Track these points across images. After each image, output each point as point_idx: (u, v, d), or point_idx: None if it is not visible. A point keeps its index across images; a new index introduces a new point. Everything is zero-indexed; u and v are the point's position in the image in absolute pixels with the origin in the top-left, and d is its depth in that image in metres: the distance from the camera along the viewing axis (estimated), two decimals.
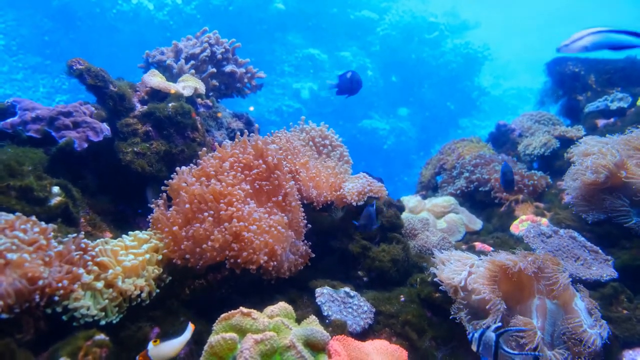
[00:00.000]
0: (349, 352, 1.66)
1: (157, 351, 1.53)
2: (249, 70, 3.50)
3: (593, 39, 1.70)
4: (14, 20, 12.33)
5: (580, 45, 1.72)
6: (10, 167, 2.02)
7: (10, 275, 1.46)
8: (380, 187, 2.70)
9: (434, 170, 4.47)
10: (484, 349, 1.65)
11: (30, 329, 1.56)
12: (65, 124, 2.38)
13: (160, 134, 2.64)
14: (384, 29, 15.31)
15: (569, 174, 2.91)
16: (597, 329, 1.84)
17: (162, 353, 1.54)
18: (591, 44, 1.70)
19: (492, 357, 1.60)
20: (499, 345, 1.60)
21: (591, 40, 1.70)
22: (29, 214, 1.76)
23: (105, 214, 2.43)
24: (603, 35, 1.71)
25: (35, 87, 12.25)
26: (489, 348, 1.62)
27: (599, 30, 1.71)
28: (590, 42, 1.70)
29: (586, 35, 1.72)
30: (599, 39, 1.71)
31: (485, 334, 1.66)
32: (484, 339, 1.66)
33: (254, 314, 1.59)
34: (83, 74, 2.51)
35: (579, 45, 1.72)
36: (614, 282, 2.38)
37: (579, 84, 4.54)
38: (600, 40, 1.71)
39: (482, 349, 1.66)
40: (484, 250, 2.84)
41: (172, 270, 2.02)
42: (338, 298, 2.10)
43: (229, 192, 2.07)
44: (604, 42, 1.71)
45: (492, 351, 1.59)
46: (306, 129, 2.94)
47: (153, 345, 1.52)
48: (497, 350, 1.59)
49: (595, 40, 1.70)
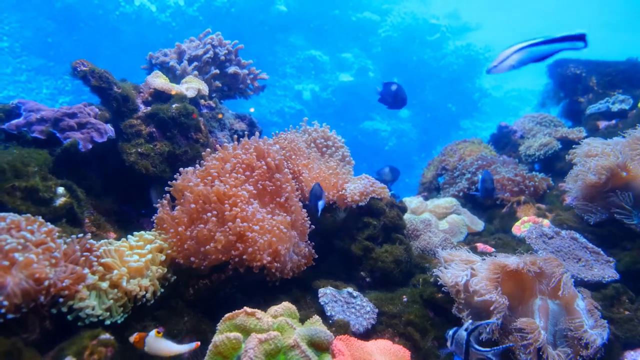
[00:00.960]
0: (352, 352, 1.67)
1: (154, 343, 1.55)
2: (251, 71, 3.51)
3: (518, 57, 1.74)
4: (17, 22, 12.37)
5: (508, 65, 1.76)
6: (16, 167, 2.04)
7: (17, 275, 1.48)
8: (382, 188, 2.71)
9: (435, 172, 4.48)
10: (456, 347, 1.69)
11: (36, 329, 1.57)
12: (69, 125, 2.40)
13: (164, 135, 2.65)
14: (386, 30, 15.34)
15: (571, 175, 2.92)
16: (598, 329, 1.85)
17: (156, 348, 1.56)
18: (517, 62, 1.74)
19: (463, 354, 1.64)
20: (470, 344, 1.65)
21: (516, 59, 1.74)
22: (34, 215, 1.77)
23: (110, 215, 2.45)
24: (526, 51, 1.73)
25: (38, 89, 12.29)
26: (460, 346, 1.66)
27: (522, 47, 1.72)
28: (516, 61, 1.74)
29: (511, 55, 1.74)
30: (523, 55, 1.74)
31: (458, 333, 1.71)
32: (456, 337, 1.70)
33: (258, 314, 1.60)
34: (87, 75, 2.53)
35: (507, 64, 1.76)
36: (616, 283, 2.39)
37: (580, 86, 4.55)
38: (524, 57, 1.74)
39: (455, 347, 1.70)
40: (485, 251, 2.85)
41: (176, 270, 2.03)
42: (341, 298, 2.11)
43: (234, 193, 2.08)
44: (528, 57, 1.75)
45: (463, 349, 1.64)
46: (308, 130, 2.96)
47: (155, 335, 1.54)
48: (468, 348, 1.64)
49: (520, 58, 1.74)
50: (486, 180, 2.89)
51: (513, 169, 3.75)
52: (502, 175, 3.63)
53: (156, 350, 1.57)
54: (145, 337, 1.57)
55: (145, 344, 1.56)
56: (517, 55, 1.71)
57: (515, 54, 1.71)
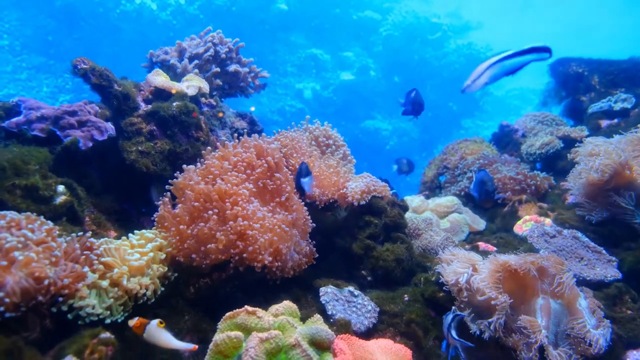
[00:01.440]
0: (353, 351, 1.66)
1: (155, 332, 1.56)
2: (252, 69, 3.50)
3: (490, 73, 1.72)
4: (17, 20, 12.38)
5: (482, 82, 1.74)
6: (16, 166, 2.03)
7: (17, 274, 1.47)
8: (384, 187, 2.70)
9: (436, 171, 4.46)
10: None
11: (36, 327, 1.57)
12: (70, 123, 2.39)
13: (165, 133, 2.64)
14: (387, 29, 15.32)
15: (573, 174, 2.91)
16: (600, 329, 1.84)
17: (156, 337, 1.56)
18: (490, 78, 1.72)
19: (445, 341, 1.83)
20: (449, 330, 1.81)
21: (489, 75, 1.72)
22: (35, 213, 1.76)
23: (110, 213, 2.44)
24: (498, 66, 1.71)
25: (39, 87, 12.29)
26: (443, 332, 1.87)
27: (494, 62, 1.70)
28: (489, 77, 1.72)
29: (483, 72, 1.72)
30: (496, 71, 1.72)
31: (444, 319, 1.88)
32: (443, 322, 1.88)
33: (259, 313, 1.59)
34: (88, 73, 2.52)
35: (481, 82, 1.74)
36: (618, 282, 2.37)
37: (582, 85, 4.53)
38: (497, 72, 1.72)
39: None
40: (487, 250, 2.84)
41: (177, 268, 2.03)
42: (342, 297, 2.10)
43: (234, 192, 2.07)
44: (501, 72, 1.73)
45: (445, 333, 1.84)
46: (310, 128, 2.95)
47: (158, 325, 1.55)
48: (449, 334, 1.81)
49: (492, 73, 1.72)
50: (485, 182, 2.82)
51: (515, 168, 3.74)
52: (504, 174, 3.62)
53: (155, 340, 1.57)
54: (147, 324, 1.57)
55: (146, 331, 1.57)
56: (490, 71, 1.69)
57: (488, 70, 1.69)
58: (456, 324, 1.85)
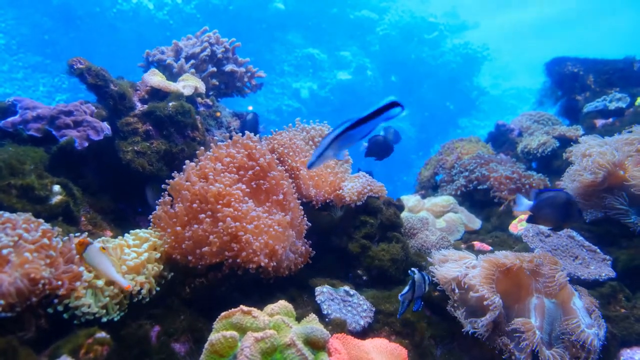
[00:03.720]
0: (348, 350, 1.67)
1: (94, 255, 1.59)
2: (249, 69, 3.50)
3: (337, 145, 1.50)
4: (14, 19, 12.33)
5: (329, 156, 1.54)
6: (12, 165, 2.03)
7: (12, 274, 1.47)
8: (380, 187, 2.71)
9: (433, 170, 4.48)
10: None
11: (31, 327, 1.57)
12: (66, 123, 2.39)
13: (161, 133, 2.64)
14: (384, 28, 15.34)
15: (567, 174, 2.93)
16: (595, 328, 1.85)
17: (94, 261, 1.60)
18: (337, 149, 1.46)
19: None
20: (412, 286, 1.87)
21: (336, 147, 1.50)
22: (30, 212, 1.76)
23: (106, 213, 2.44)
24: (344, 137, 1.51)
25: (35, 86, 12.25)
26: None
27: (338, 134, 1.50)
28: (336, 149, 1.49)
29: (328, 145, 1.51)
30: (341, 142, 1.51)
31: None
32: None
33: (254, 312, 1.60)
34: (84, 73, 2.52)
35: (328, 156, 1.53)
36: (612, 281, 2.39)
37: (577, 84, 4.56)
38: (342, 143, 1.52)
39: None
40: (482, 249, 2.86)
41: (172, 268, 2.03)
42: (338, 297, 2.10)
43: (227, 192, 2.07)
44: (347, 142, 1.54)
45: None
46: (306, 128, 2.95)
47: (99, 249, 1.61)
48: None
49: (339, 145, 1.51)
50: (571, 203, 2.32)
51: (510, 167, 3.76)
52: (500, 174, 3.63)
53: (94, 263, 1.59)
54: (89, 244, 1.58)
55: (86, 251, 1.58)
56: (336, 144, 1.48)
57: (334, 142, 1.49)
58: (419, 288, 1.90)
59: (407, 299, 1.90)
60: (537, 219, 2.27)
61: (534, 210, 2.22)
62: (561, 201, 2.19)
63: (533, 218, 2.26)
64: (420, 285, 1.89)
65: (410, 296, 1.89)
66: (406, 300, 1.90)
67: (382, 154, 2.70)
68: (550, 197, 2.21)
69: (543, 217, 2.23)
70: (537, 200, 2.22)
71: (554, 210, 2.19)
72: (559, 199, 2.20)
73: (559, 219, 2.22)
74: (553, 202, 2.19)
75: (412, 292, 1.87)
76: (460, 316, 1.95)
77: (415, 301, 1.92)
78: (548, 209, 2.20)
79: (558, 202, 2.19)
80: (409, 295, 1.89)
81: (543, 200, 2.20)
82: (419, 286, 1.89)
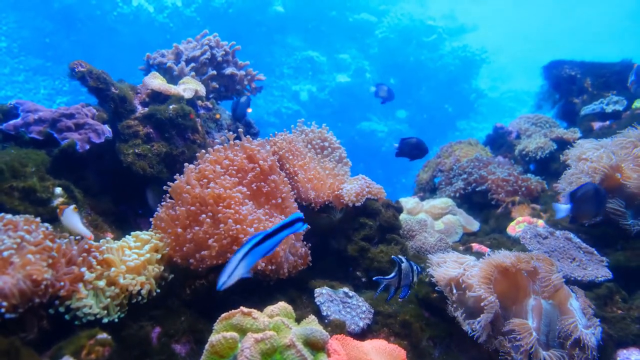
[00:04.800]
0: (348, 351, 1.69)
1: (68, 214, 1.85)
2: (248, 72, 3.52)
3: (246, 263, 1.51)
4: (15, 22, 12.35)
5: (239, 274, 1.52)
6: (14, 168, 2.05)
7: (15, 275, 1.49)
8: (379, 189, 2.73)
9: (431, 173, 4.50)
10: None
11: (33, 328, 1.58)
12: (67, 126, 2.41)
13: (161, 135, 2.66)
14: (383, 31, 15.37)
15: (564, 177, 2.94)
16: (592, 329, 1.87)
17: (68, 219, 1.85)
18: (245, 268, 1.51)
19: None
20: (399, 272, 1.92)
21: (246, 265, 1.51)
22: (32, 215, 1.78)
23: (107, 215, 2.46)
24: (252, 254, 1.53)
25: (36, 89, 12.26)
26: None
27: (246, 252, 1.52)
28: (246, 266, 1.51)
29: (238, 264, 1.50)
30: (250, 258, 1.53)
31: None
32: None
33: (254, 314, 1.62)
34: (85, 76, 2.54)
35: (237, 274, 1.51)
36: (609, 282, 2.41)
37: (575, 87, 4.58)
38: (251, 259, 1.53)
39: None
40: (480, 251, 2.87)
41: (173, 270, 2.05)
42: (337, 298, 2.12)
43: (227, 195, 2.09)
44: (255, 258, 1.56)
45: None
46: (306, 130, 2.97)
47: (73, 210, 1.86)
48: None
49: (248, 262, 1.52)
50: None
51: (508, 170, 3.78)
52: (497, 176, 3.66)
53: (67, 221, 1.85)
54: (65, 209, 1.86)
55: (63, 214, 1.85)
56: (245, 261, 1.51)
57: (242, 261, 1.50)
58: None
59: (393, 284, 1.90)
60: (579, 218, 2.47)
61: (575, 212, 2.38)
62: (592, 193, 2.37)
63: (575, 219, 2.46)
64: (407, 274, 1.91)
65: (396, 282, 1.89)
66: (392, 285, 1.91)
67: (415, 154, 2.85)
68: (582, 194, 2.38)
69: (584, 214, 2.43)
70: (573, 202, 2.38)
71: (590, 204, 2.37)
72: (590, 192, 2.37)
73: (598, 209, 2.42)
74: (587, 197, 2.36)
75: (398, 279, 1.89)
76: (459, 317, 1.96)
77: (402, 289, 1.94)
78: (586, 206, 2.37)
79: (590, 194, 2.36)
80: (395, 281, 1.89)
81: (578, 199, 2.36)
82: (406, 274, 1.91)
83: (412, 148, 2.86)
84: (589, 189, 2.37)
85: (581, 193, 2.36)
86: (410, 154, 2.88)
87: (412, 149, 2.86)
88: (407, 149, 2.87)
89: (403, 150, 2.87)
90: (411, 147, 2.86)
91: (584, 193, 2.35)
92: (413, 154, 2.88)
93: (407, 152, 2.88)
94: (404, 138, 2.87)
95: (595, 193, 2.36)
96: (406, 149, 2.87)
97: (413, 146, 2.86)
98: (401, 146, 2.87)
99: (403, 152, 2.88)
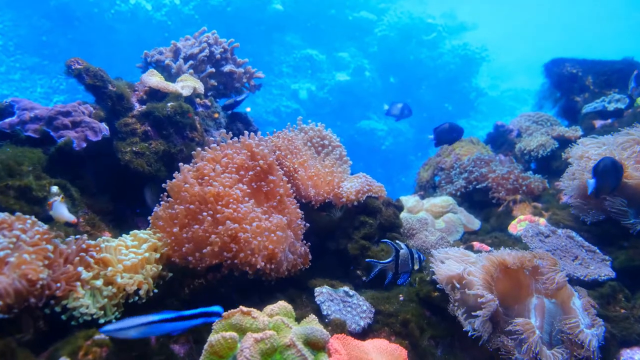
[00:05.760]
0: (348, 350, 1.67)
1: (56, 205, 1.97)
2: (247, 70, 3.50)
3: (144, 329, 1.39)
4: (11, 20, 12.30)
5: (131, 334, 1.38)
6: (9, 166, 2.02)
7: (10, 275, 1.46)
8: (379, 187, 2.70)
9: (432, 171, 4.47)
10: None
11: (29, 329, 1.56)
12: (64, 124, 2.38)
13: (159, 133, 2.64)
14: (382, 30, 15.35)
15: (566, 175, 2.92)
16: (594, 329, 1.85)
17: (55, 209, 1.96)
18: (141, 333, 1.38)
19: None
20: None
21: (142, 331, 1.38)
22: (28, 214, 1.75)
23: (104, 214, 2.43)
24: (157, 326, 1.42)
25: (32, 88, 12.22)
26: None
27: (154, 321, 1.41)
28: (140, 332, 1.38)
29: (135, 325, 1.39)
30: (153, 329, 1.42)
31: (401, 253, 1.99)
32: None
33: (253, 313, 1.59)
34: (82, 73, 2.51)
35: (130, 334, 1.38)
36: (612, 281, 2.39)
37: (576, 85, 4.56)
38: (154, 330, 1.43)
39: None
40: (482, 249, 2.85)
41: (171, 269, 2.02)
42: (337, 297, 2.10)
43: (226, 193, 2.07)
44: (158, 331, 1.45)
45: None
46: (305, 128, 2.95)
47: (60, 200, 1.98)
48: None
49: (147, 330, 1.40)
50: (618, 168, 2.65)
51: (507, 168, 3.76)
52: (497, 174, 3.64)
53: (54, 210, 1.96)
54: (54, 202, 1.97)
55: (52, 207, 1.96)
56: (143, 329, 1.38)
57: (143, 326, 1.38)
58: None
59: (390, 269, 1.85)
60: (600, 191, 2.56)
61: (598, 183, 2.49)
62: (610, 165, 2.48)
63: (598, 191, 2.55)
64: (405, 260, 1.88)
65: (393, 267, 1.86)
66: (389, 271, 1.86)
67: (454, 137, 2.92)
68: (602, 167, 2.49)
69: (605, 185, 2.52)
70: (597, 176, 2.50)
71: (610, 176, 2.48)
72: (608, 164, 2.49)
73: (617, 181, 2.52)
74: (607, 170, 2.48)
75: (395, 264, 1.85)
76: (460, 316, 1.94)
77: (401, 275, 1.90)
78: (607, 178, 2.48)
79: (609, 167, 2.48)
80: (391, 266, 1.85)
81: (600, 172, 2.48)
82: (404, 261, 1.87)
83: (447, 133, 2.92)
84: (608, 162, 2.48)
85: (602, 166, 2.47)
86: (447, 139, 2.94)
87: (448, 134, 2.92)
88: (443, 136, 2.93)
89: (440, 138, 2.92)
90: (446, 132, 2.92)
91: (604, 166, 2.47)
92: (451, 137, 2.95)
93: (445, 138, 2.94)
94: (436, 127, 2.92)
95: (612, 165, 2.48)
96: (443, 137, 2.93)
97: (447, 131, 2.92)
98: (437, 135, 2.93)
99: (441, 140, 2.93)
